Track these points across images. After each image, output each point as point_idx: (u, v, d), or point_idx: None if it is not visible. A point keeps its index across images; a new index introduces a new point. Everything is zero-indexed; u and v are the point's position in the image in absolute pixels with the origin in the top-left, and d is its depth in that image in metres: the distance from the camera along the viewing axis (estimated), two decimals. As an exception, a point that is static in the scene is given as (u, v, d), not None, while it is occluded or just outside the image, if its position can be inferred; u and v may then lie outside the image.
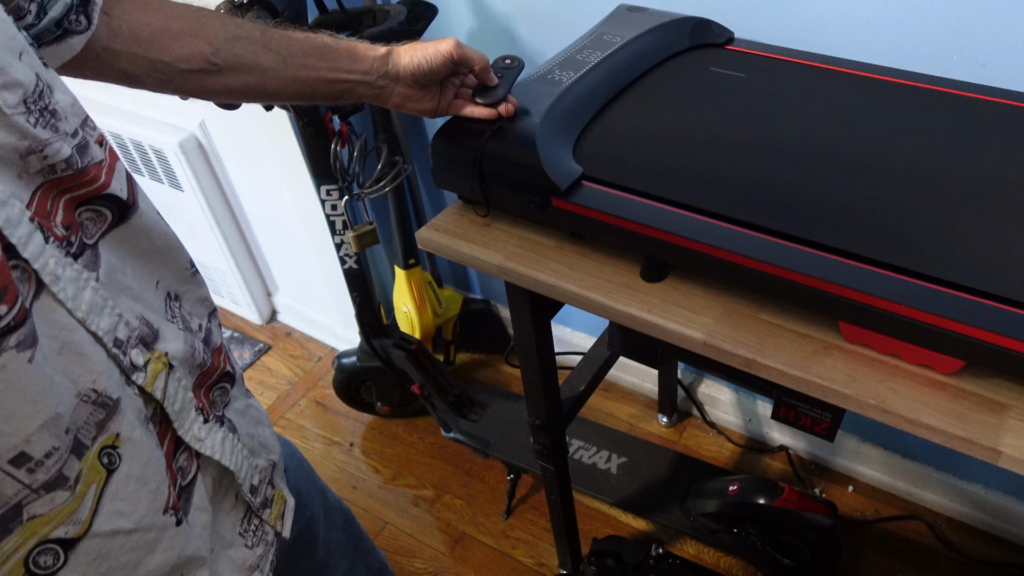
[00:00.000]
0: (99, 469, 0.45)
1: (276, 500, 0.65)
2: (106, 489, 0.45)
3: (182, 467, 0.53)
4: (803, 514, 1.18)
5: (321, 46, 0.68)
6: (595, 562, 1.27)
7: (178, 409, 0.52)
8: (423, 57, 0.71)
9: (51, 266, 0.42)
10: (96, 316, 0.45)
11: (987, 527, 1.40)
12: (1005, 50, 0.91)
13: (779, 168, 0.74)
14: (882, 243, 0.64)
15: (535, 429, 1.09)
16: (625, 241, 0.73)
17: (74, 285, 0.44)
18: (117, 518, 0.46)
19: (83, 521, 0.44)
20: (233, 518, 0.60)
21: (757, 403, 1.57)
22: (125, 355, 0.47)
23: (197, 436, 0.54)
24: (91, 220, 0.47)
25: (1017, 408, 0.60)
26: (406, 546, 1.51)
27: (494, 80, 0.77)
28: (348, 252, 1.37)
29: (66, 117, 0.45)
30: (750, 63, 0.92)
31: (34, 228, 0.41)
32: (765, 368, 0.66)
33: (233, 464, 0.58)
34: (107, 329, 0.46)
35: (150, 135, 1.67)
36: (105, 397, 0.45)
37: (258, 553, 0.61)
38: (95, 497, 0.44)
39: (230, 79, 0.64)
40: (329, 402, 1.83)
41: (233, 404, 0.61)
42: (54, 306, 0.42)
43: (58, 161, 0.44)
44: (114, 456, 0.46)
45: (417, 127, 1.60)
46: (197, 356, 0.55)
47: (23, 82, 0.41)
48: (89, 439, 0.44)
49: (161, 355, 0.51)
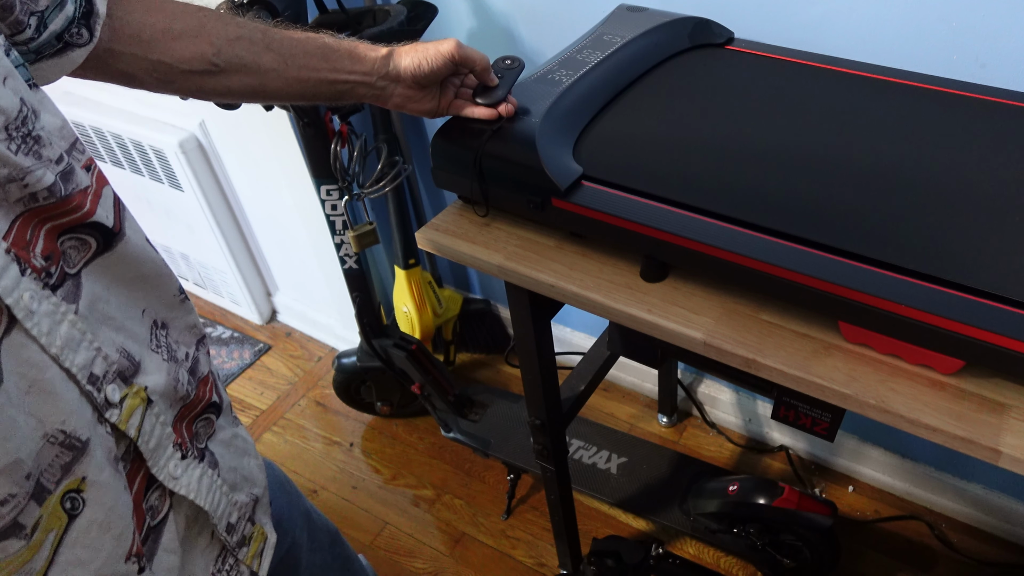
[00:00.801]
0: (60, 515, 0.42)
1: (255, 538, 0.63)
2: (65, 536, 0.43)
3: (153, 506, 0.51)
4: (803, 514, 1.18)
5: (322, 46, 0.68)
6: (595, 562, 1.27)
7: (153, 447, 0.50)
8: (424, 58, 0.71)
9: (25, 300, 0.40)
10: (71, 351, 0.43)
11: (987, 527, 1.40)
12: (1005, 50, 0.91)
13: (779, 168, 0.74)
14: (882, 243, 0.64)
15: (535, 429, 1.09)
16: (625, 241, 0.73)
17: (50, 319, 0.42)
18: (75, 568, 0.44)
19: (37, 571, 0.42)
20: (207, 557, 0.58)
21: (757, 403, 1.57)
22: (100, 391, 0.45)
23: (172, 474, 0.52)
24: (74, 249, 0.46)
25: (1017, 408, 0.60)
26: (406, 546, 1.51)
27: (495, 80, 0.77)
28: (348, 252, 1.37)
29: (51, 143, 0.44)
30: (750, 63, 0.92)
31: (10, 260, 0.40)
32: (765, 368, 0.66)
33: (208, 504, 0.56)
34: (82, 365, 0.44)
35: (150, 135, 1.67)
36: (74, 438, 0.43)
37: None
38: (53, 546, 0.42)
39: (231, 80, 0.64)
40: (329, 402, 1.83)
41: (218, 435, 0.60)
42: (26, 342, 0.41)
43: (39, 189, 0.42)
44: (78, 501, 0.43)
45: (417, 127, 1.60)
46: (180, 388, 0.54)
47: (5, 108, 0.40)
48: (52, 483, 0.42)
49: (140, 389, 0.49)
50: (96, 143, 1.82)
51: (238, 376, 1.93)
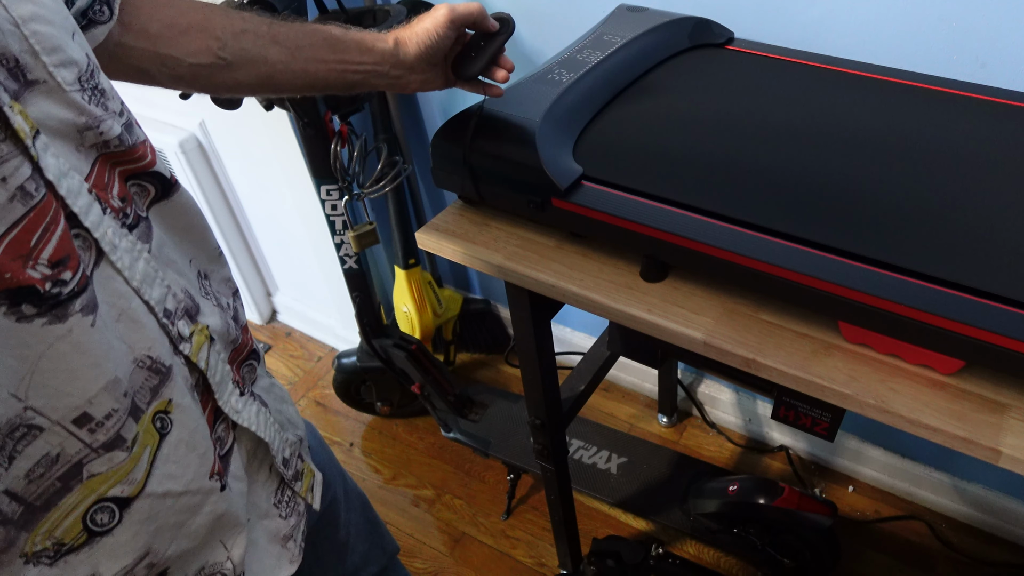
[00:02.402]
0: (153, 432, 0.46)
1: (306, 474, 0.66)
2: (159, 452, 0.47)
3: (220, 437, 0.55)
4: (803, 514, 1.18)
5: (329, 38, 0.68)
6: (595, 562, 1.27)
7: (219, 380, 0.54)
8: (427, 38, 0.71)
9: (109, 235, 0.44)
10: (149, 286, 0.47)
11: (987, 527, 1.40)
12: (1005, 50, 0.91)
13: (779, 168, 0.74)
14: (882, 243, 0.64)
15: (535, 429, 1.09)
16: (625, 241, 0.73)
17: (130, 255, 0.45)
18: (168, 480, 0.48)
19: (138, 481, 0.46)
20: (267, 489, 0.61)
21: (757, 403, 1.57)
22: (173, 325, 0.49)
23: (235, 408, 0.56)
24: (137, 195, 0.49)
25: (1017, 408, 0.60)
26: (406, 546, 1.51)
27: (495, 25, 0.74)
28: (348, 252, 1.37)
29: (113, 96, 0.47)
30: (750, 63, 0.92)
31: (92, 199, 0.43)
32: (765, 368, 0.67)
33: (268, 436, 0.59)
34: (158, 299, 0.47)
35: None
36: (159, 364, 0.46)
37: (292, 523, 0.63)
38: (149, 459, 0.46)
39: (239, 73, 0.64)
40: (329, 402, 1.83)
41: (259, 382, 0.63)
42: (112, 274, 0.44)
43: (111, 138, 0.45)
44: (166, 421, 0.47)
45: (417, 127, 1.60)
46: (231, 332, 0.57)
47: (78, 60, 0.43)
48: (144, 403, 0.46)
49: (203, 328, 0.52)
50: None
51: (238, 376, 1.93)
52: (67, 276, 0.40)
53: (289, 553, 0.62)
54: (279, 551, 0.61)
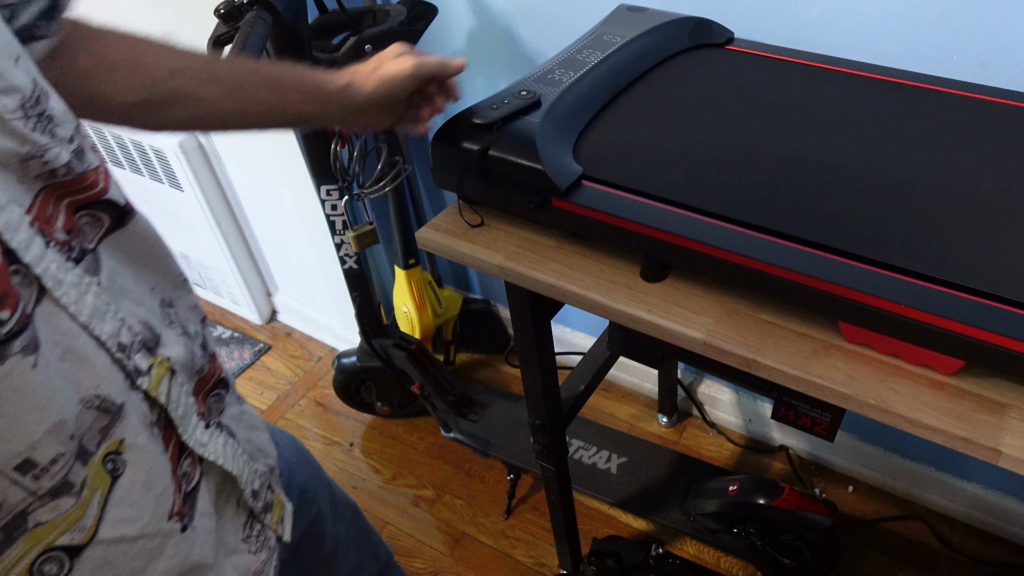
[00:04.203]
0: (104, 475, 0.44)
1: (276, 505, 0.64)
2: (111, 496, 0.45)
3: (186, 472, 0.53)
4: (803, 514, 1.18)
5: (272, 78, 0.66)
6: (595, 562, 1.27)
7: (181, 414, 0.52)
8: (385, 85, 0.69)
9: (52, 271, 0.42)
10: (99, 321, 0.45)
11: (987, 527, 1.40)
12: (1005, 50, 0.91)
13: (779, 168, 0.74)
14: (882, 243, 0.64)
15: (535, 429, 1.09)
16: (625, 241, 0.73)
17: (76, 290, 0.43)
18: (122, 525, 0.45)
19: (88, 528, 0.44)
20: (235, 524, 0.59)
21: (757, 403, 1.57)
22: (129, 359, 0.47)
23: (200, 441, 0.54)
24: (88, 225, 0.47)
25: (1017, 408, 0.60)
26: (406, 546, 1.51)
27: (458, 95, 0.75)
28: (348, 252, 1.37)
29: (63, 123, 0.45)
30: (750, 63, 0.92)
31: (34, 233, 0.41)
32: (765, 368, 0.66)
33: (235, 469, 0.57)
34: (110, 334, 0.45)
35: (150, 135, 1.67)
36: (108, 403, 0.44)
37: (262, 558, 0.61)
38: (100, 504, 0.44)
39: (171, 112, 0.62)
40: (329, 402, 1.83)
41: (228, 411, 0.61)
42: (56, 311, 0.42)
43: (58, 166, 0.43)
44: (118, 462, 0.45)
45: (417, 127, 1.59)
46: (196, 361, 0.55)
47: (20, 87, 0.41)
48: (93, 445, 0.44)
49: (163, 360, 0.50)
50: (96, 143, 1.82)
51: (238, 376, 1.93)
52: (4, 316, 0.37)
53: None
54: None
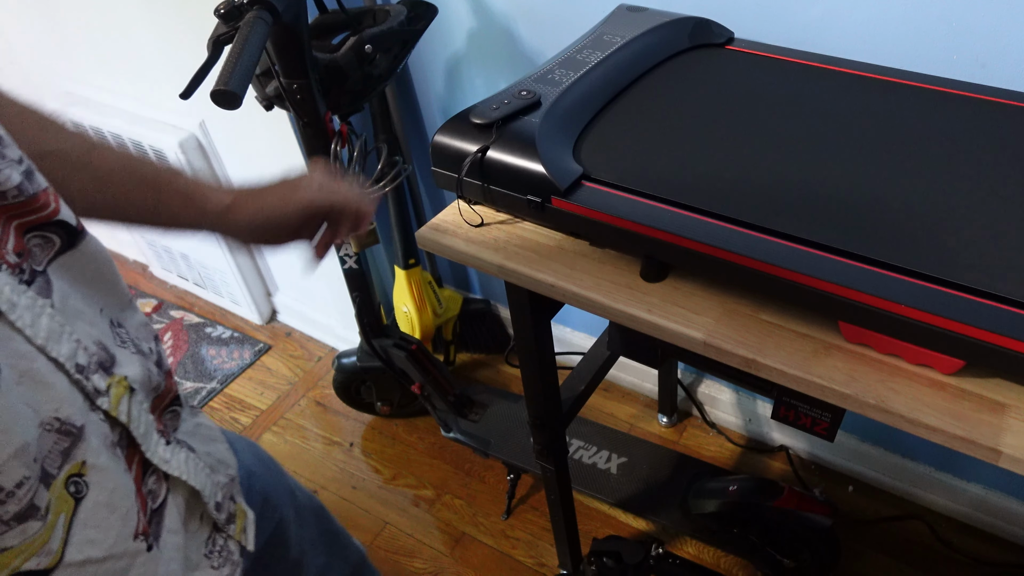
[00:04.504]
0: (67, 498, 0.44)
1: (239, 515, 0.64)
2: (75, 518, 0.44)
3: (152, 490, 0.52)
4: (803, 514, 1.18)
5: (152, 179, 0.62)
6: (595, 562, 1.27)
7: (143, 432, 0.51)
8: (269, 215, 0.66)
9: (7, 294, 0.41)
10: (55, 343, 0.44)
11: (987, 527, 1.40)
12: (1005, 50, 0.91)
13: (779, 168, 0.74)
14: (882, 243, 0.64)
15: (535, 429, 1.09)
16: (625, 241, 0.73)
17: (30, 312, 0.43)
18: (88, 547, 0.45)
19: (55, 552, 0.43)
20: (198, 540, 0.59)
21: (757, 403, 1.57)
22: (88, 380, 0.46)
23: (163, 457, 0.53)
24: (39, 247, 0.46)
25: (1017, 408, 0.60)
26: (406, 546, 1.51)
27: (366, 229, 0.70)
28: (348, 252, 1.37)
29: (10, 144, 0.44)
30: (750, 63, 0.92)
31: None
32: (765, 368, 0.66)
33: (199, 483, 0.57)
34: (67, 355, 0.45)
35: (150, 135, 1.67)
36: (68, 425, 0.44)
37: (225, 573, 0.60)
38: (65, 527, 0.44)
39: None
40: (329, 402, 1.83)
41: (182, 427, 0.61)
42: (11, 335, 0.41)
43: (9, 188, 0.43)
44: (81, 484, 0.45)
45: (417, 127, 1.60)
46: (152, 379, 0.54)
47: None
48: (55, 468, 0.43)
49: (121, 379, 0.50)
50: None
51: (238, 376, 1.93)
52: None
53: None
54: None
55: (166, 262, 2.15)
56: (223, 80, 0.83)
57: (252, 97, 1.22)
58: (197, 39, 1.32)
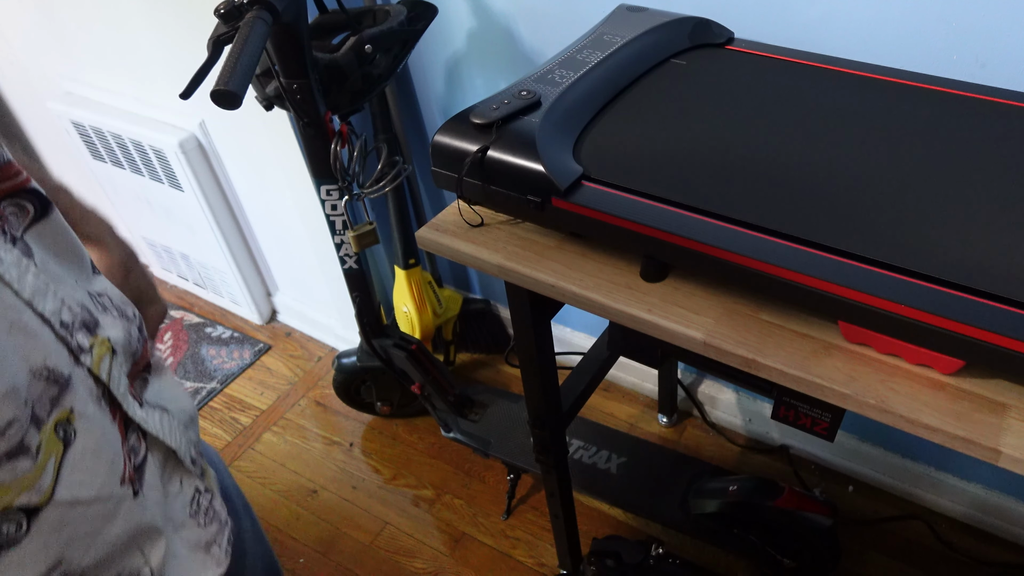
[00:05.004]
0: (56, 442, 0.46)
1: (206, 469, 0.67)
2: (64, 461, 0.47)
3: (133, 447, 0.55)
4: (803, 514, 1.18)
5: None
6: (595, 562, 1.27)
7: (121, 393, 0.54)
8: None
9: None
10: (41, 298, 0.46)
11: (987, 527, 1.40)
12: (1005, 50, 0.91)
13: (779, 168, 0.74)
14: (882, 243, 0.64)
15: (535, 429, 1.09)
16: (625, 241, 0.73)
17: (17, 268, 0.45)
18: (77, 488, 0.47)
19: (46, 489, 0.45)
20: (181, 500, 0.61)
21: (757, 403, 1.57)
22: (72, 336, 0.49)
23: (143, 417, 0.56)
24: (14, 215, 0.48)
25: (1017, 408, 0.60)
26: (406, 546, 1.51)
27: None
28: (348, 252, 1.37)
29: None
30: (750, 63, 0.92)
31: None
32: (765, 368, 0.67)
33: (174, 442, 0.60)
34: (52, 311, 0.47)
35: (150, 135, 1.67)
36: (56, 374, 0.46)
37: (212, 530, 0.62)
38: (55, 468, 0.46)
39: None
40: (329, 402, 1.83)
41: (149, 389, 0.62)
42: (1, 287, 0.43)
43: None
44: (69, 431, 0.47)
45: (417, 127, 1.60)
46: (132, 343, 0.57)
47: None
48: (44, 413, 0.45)
49: (104, 340, 0.52)
50: (96, 143, 1.82)
51: (238, 376, 1.93)
52: None
53: (214, 558, 0.61)
54: (203, 557, 0.61)
55: (166, 262, 2.15)
56: (223, 80, 0.83)
57: (252, 97, 1.22)
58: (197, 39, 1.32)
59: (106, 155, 1.84)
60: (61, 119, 1.82)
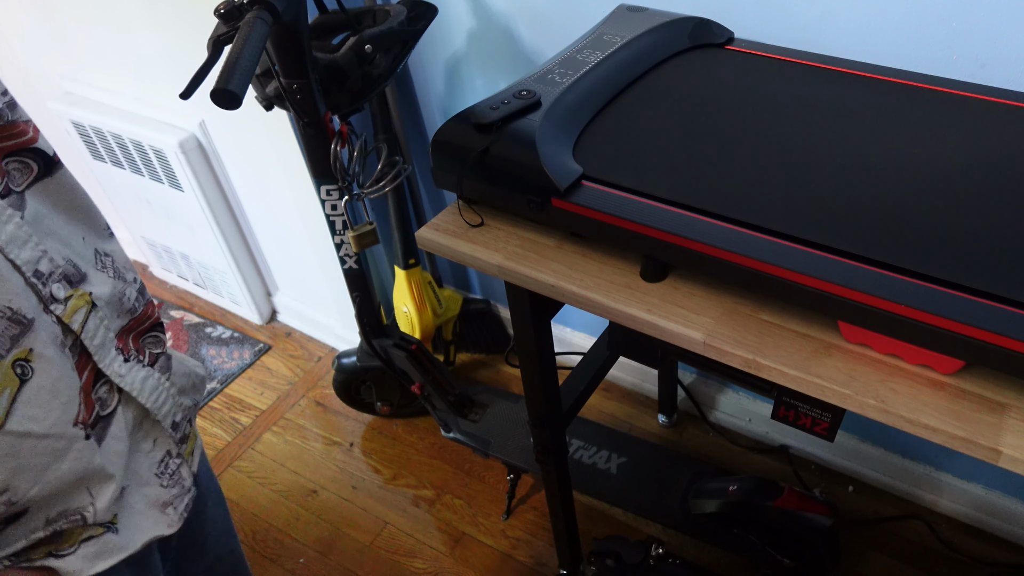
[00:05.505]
0: (12, 377, 0.49)
1: (191, 437, 0.69)
2: (19, 395, 0.50)
3: (102, 398, 0.57)
4: (803, 514, 1.18)
5: None
6: (595, 562, 1.27)
7: (98, 344, 0.56)
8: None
9: None
10: (16, 247, 0.49)
11: (987, 527, 1.40)
12: (1005, 50, 0.92)
13: (778, 168, 0.74)
14: (882, 243, 0.64)
15: (535, 429, 1.09)
16: (625, 241, 0.73)
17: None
18: (29, 422, 0.50)
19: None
20: (150, 459, 0.63)
21: (757, 403, 1.57)
22: (45, 286, 0.52)
23: (118, 372, 0.58)
24: (18, 171, 0.52)
25: (1017, 408, 0.60)
26: (406, 546, 1.51)
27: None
28: (348, 252, 1.37)
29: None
30: (750, 63, 0.92)
31: None
32: (765, 368, 0.66)
33: (151, 403, 0.62)
34: (27, 260, 0.50)
35: (150, 135, 1.67)
36: (19, 315, 0.49)
37: (173, 493, 0.65)
38: (9, 400, 0.49)
39: None
40: (329, 402, 1.83)
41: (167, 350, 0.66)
42: None
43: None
44: (27, 368, 0.50)
45: (417, 127, 1.60)
46: (127, 302, 0.59)
47: None
48: (3, 350, 0.48)
49: (84, 294, 0.55)
50: (96, 143, 1.82)
51: (238, 376, 1.93)
52: None
53: (168, 519, 0.64)
54: (157, 515, 0.63)
55: (166, 262, 2.15)
56: (223, 80, 0.83)
57: (252, 97, 1.22)
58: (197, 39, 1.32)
59: (106, 155, 1.84)
60: (61, 119, 1.82)
